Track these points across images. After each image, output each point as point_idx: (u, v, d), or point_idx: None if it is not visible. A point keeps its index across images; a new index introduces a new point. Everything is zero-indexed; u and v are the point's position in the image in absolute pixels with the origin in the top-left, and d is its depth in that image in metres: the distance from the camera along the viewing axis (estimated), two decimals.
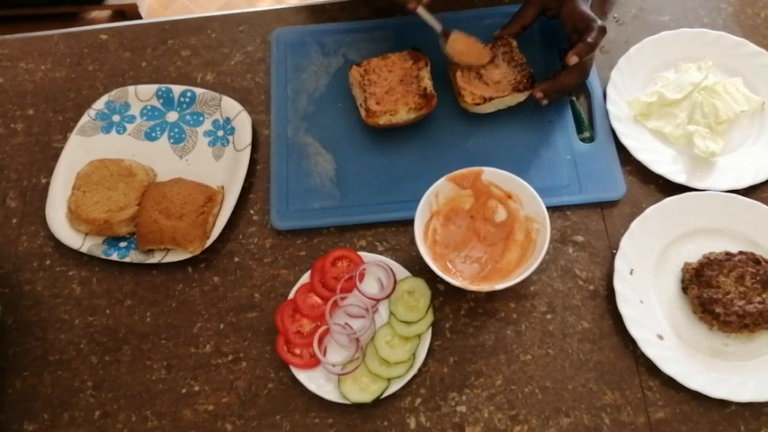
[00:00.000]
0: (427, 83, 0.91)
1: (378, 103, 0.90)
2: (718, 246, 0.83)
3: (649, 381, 0.78)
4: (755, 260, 0.80)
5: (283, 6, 1.09)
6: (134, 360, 0.83)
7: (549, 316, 0.82)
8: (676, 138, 0.90)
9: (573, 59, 0.83)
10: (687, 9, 1.03)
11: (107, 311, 0.86)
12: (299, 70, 1.00)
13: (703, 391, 0.75)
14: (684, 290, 0.82)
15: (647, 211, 0.85)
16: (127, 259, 0.86)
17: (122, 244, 0.88)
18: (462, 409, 0.78)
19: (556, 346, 0.81)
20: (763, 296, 0.78)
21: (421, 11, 0.89)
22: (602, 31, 0.84)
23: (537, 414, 0.77)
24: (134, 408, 0.80)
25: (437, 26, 0.91)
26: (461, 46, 0.92)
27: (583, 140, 0.92)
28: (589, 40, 0.83)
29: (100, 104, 0.97)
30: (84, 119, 0.96)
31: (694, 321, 0.80)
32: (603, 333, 0.81)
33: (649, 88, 0.95)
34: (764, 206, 0.84)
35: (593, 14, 0.85)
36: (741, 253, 0.81)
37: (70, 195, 0.89)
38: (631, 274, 0.82)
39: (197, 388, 0.81)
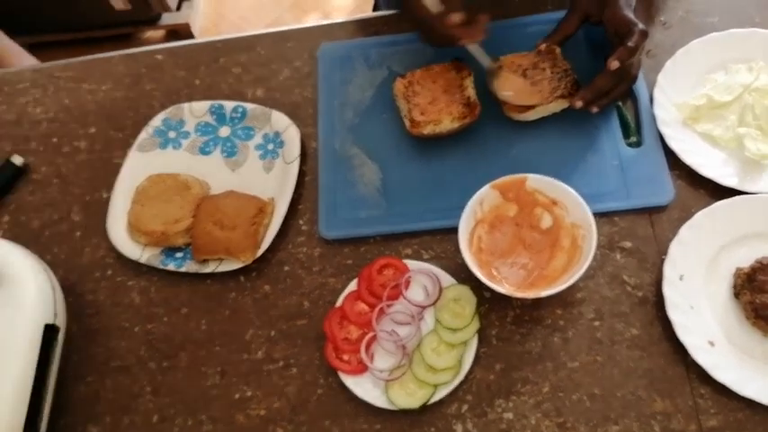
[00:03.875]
0: (470, 92, 0.92)
1: (422, 114, 0.92)
2: None
3: (700, 388, 0.77)
4: None
5: (329, 22, 1.12)
6: (190, 366, 0.86)
7: (596, 323, 0.82)
8: (726, 141, 0.88)
9: (614, 64, 0.83)
10: (737, 9, 1.01)
11: (164, 319, 0.90)
12: (345, 83, 1.02)
13: (758, 399, 0.74)
14: (736, 295, 0.80)
15: (697, 215, 0.83)
16: (183, 269, 0.90)
17: (178, 254, 0.92)
18: (509, 415, 0.78)
19: (604, 353, 0.80)
20: None
21: (473, 47, 0.89)
22: (644, 34, 0.84)
23: (585, 422, 0.77)
24: (190, 412, 0.84)
25: (487, 64, 0.92)
26: (512, 87, 0.92)
27: (630, 145, 0.91)
28: (630, 44, 0.83)
29: (157, 121, 1.02)
30: (143, 135, 1.01)
31: (747, 327, 0.79)
32: (653, 340, 0.80)
33: (698, 91, 0.93)
34: None
35: (634, 18, 0.85)
36: None
37: (129, 209, 0.94)
38: (681, 279, 0.81)
39: (249, 393, 0.84)
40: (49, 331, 0.81)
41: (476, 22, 0.87)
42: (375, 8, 1.36)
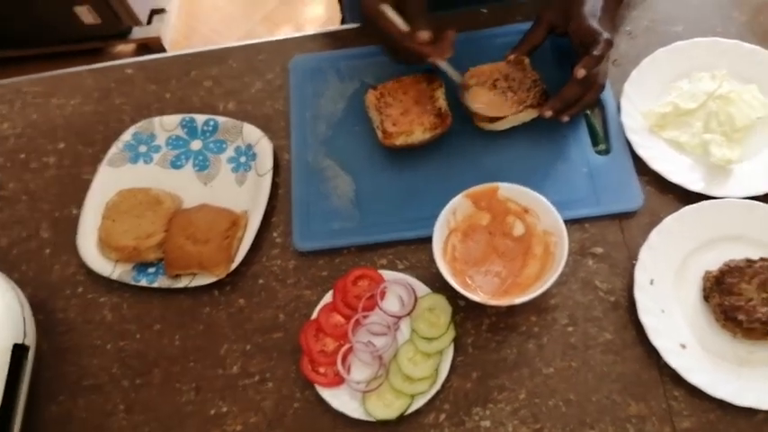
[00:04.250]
0: (442, 103, 0.93)
1: (394, 125, 0.92)
2: (738, 253, 0.82)
3: (674, 391, 0.78)
4: None
5: (301, 34, 1.12)
6: (164, 383, 0.85)
7: (570, 328, 0.83)
8: (692, 147, 0.90)
9: (581, 72, 0.84)
10: (699, 19, 1.03)
11: (137, 336, 0.88)
12: (317, 96, 1.02)
13: (730, 400, 0.75)
14: (706, 298, 0.81)
15: (666, 220, 0.85)
16: (155, 284, 0.89)
17: (151, 270, 0.91)
18: (486, 423, 0.78)
19: (578, 358, 0.81)
20: None
21: (442, 63, 0.90)
22: (609, 43, 0.85)
23: (561, 427, 0.77)
24: (165, 430, 0.82)
25: (458, 78, 0.92)
26: (482, 99, 0.93)
27: (598, 153, 0.93)
28: (595, 52, 0.84)
29: (127, 136, 1.01)
30: (113, 150, 1.00)
31: (717, 330, 0.80)
32: (626, 344, 0.81)
33: (663, 99, 0.95)
34: None
35: (599, 28, 0.86)
36: (762, 259, 0.80)
37: (100, 224, 0.92)
38: (652, 284, 0.82)
39: (225, 409, 0.83)
40: (19, 350, 0.80)
41: (443, 38, 0.88)
42: (342, 22, 1.37)
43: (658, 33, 1.03)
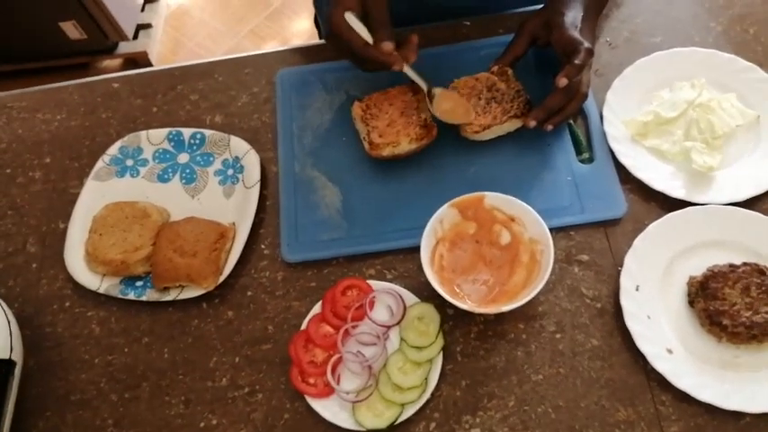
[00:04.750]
0: (427, 114, 0.94)
1: (380, 136, 0.93)
2: (721, 258, 0.83)
3: (662, 395, 0.79)
4: (760, 271, 0.81)
5: (286, 48, 1.13)
6: (153, 396, 0.85)
7: (558, 335, 0.83)
8: (674, 154, 0.92)
9: (562, 81, 0.86)
10: (678, 29, 1.05)
11: (125, 350, 0.88)
12: (304, 108, 1.03)
13: (716, 404, 0.76)
14: (691, 303, 0.82)
15: (650, 227, 0.86)
16: (143, 298, 0.89)
17: (138, 283, 0.90)
18: (477, 431, 0.79)
19: (566, 364, 0.82)
20: None
21: (407, 70, 0.91)
22: (589, 52, 0.87)
23: None
24: None
25: (423, 85, 0.93)
26: (447, 104, 0.94)
27: (582, 162, 0.94)
28: (576, 61, 0.86)
29: (114, 150, 1.01)
30: (99, 164, 1.00)
31: (703, 334, 0.81)
32: (613, 350, 0.82)
33: (645, 108, 0.97)
34: (765, 217, 0.85)
35: (580, 38, 0.88)
36: (745, 264, 0.82)
37: (87, 238, 0.92)
38: (637, 290, 0.83)
39: (215, 421, 0.82)
40: (5, 366, 0.80)
41: (407, 43, 0.90)
42: (321, 37, 1.39)
43: (638, 44, 1.05)
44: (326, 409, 0.79)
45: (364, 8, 0.88)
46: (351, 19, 0.87)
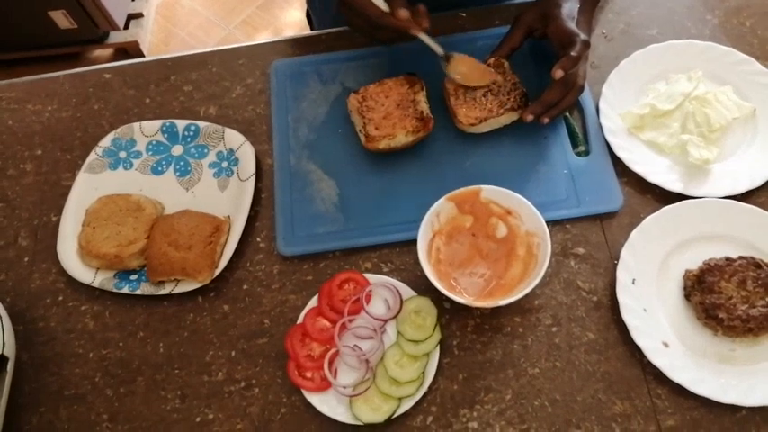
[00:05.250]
0: (423, 106, 0.94)
1: (376, 129, 0.92)
2: (717, 251, 0.84)
3: (658, 389, 0.79)
4: (756, 264, 0.81)
5: (280, 39, 1.12)
6: (148, 391, 0.84)
7: (554, 329, 0.84)
8: (670, 148, 0.92)
9: (558, 73, 0.85)
10: (674, 22, 1.05)
11: (120, 344, 0.87)
12: (299, 100, 1.02)
13: (712, 397, 0.76)
14: (687, 297, 0.83)
15: (646, 220, 0.86)
16: (138, 292, 0.88)
17: (133, 277, 0.90)
18: (474, 425, 0.79)
19: (563, 358, 0.82)
20: (766, 299, 0.79)
21: (423, 36, 0.91)
22: (585, 44, 0.87)
23: (548, 427, 0.78)
24: None
25: (439, 50, 0.93)
26: (464, 68, 0.94)
27: (578, 155, 0.94)
28: (572, 53, 0.85)
29: (106, 142, 1.00)
30: (92, 156, 0.99)
31: (699, 328, 0.81)
32: (609, 343, 0.82)
33: (641, 101, 0.97)
34: (762, 211, 0.86)
35: (576, 30, 0.88)
36: (741, 258, 0.82)
37: (80, 231, 0.91)
38: (633, 283, 0.83)
39: (211, 416, 0.82)
40: None
41: (418, 12, 0.91)
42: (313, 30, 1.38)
43: (634, 37, 1.04)
44: (323, 403, 0.79)
45: None
46: None
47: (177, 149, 1.00)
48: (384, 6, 0.89)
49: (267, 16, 2.68)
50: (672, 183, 0.89)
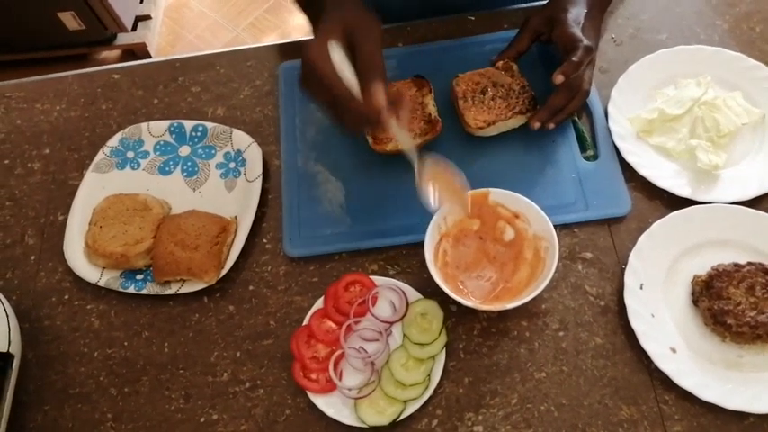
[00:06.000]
0: (432, 109, 0.94)
1: (384, 131, 0.92)
2: (726, 257, 0.83)
3: (665, 394, 0.78)
4: (765, 270, 0.81)
5: (288, 41, 1.12)
6: (153, 390, 0.84)
7: (561, 333, 0.83)
8: (679, 152, 0.91)
9: (558, 78, 0.85)
10: (683, 27, 1.05)
11: (125, 343, 0.87)
12: (307, 101, 1.02)
13: (720, 404, 0.75)
14: (695, 302, 0.82)
15: (654, 225, 0.86)
16: (144, 291, 0.88)
17: (139, 276, 0.90)
18: (479, 429, 0.78)
19: (570, 362, 0.81)
20: None
21: (396, 130, 0.76)
22: (587, 50, 0.86)
23: None
24: None
25: (413, 154, 0.81)
26: (438, 183, 0.82)
27: (587, 159, 0.93)
28: (574, 59, 0.85)
29: (114, 142, 1.00)
30: (99, 156, 0.99)
31: (707, 333, 0.81)
32: (616, 348, 0.82)
33: (650, 105, 0.96)
34: None
35: (580, 35, 0.87)
36: (749, 263, 0.81)
37: (87, 231, 0.91)
38: (641, 288, 0.83)
39: (215, 416, 0.82)
40: (3, 359, 0.79)
41: (397, 98, 0.74)
42: None
43: (644, 41, 1.04)
44: (328, 405, 0.79)
45: (352, 40, 0.72)
46: (335, 51, 0.70)
47: (185, 150, 1.00)
48: (355, 82, 0.71)
49: (275, 19, 2.69)
50: (680, 188, 0.88)
